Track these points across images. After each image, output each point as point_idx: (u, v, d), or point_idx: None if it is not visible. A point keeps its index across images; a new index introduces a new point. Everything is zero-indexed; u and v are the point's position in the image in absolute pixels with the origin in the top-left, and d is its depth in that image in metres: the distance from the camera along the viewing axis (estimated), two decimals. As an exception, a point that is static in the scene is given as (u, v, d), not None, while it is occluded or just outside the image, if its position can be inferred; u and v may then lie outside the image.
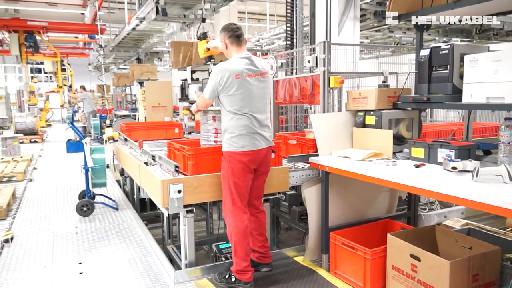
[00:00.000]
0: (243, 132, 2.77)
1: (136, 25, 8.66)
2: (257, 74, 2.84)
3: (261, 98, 2.86)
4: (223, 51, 2.98)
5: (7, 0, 14.06)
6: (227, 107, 2.79)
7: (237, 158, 2.78)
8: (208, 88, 2.85)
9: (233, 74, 2.73)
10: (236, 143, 2.78)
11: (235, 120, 2.77)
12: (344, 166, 2.85)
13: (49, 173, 7.31)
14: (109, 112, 11.86)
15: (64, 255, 3.54)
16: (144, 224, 4.32)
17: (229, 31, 2.88)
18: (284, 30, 5.86)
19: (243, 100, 2.76)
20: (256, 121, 2.81)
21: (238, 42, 2.89)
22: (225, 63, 2.81)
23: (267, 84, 2.93)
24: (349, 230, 3.06)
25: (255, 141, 2.80)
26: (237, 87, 2.74)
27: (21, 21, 11.96)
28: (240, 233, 2.81)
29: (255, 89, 2.81)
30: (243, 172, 2.80)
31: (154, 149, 4.36)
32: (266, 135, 2.89)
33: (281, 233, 4.65)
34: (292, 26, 5.33)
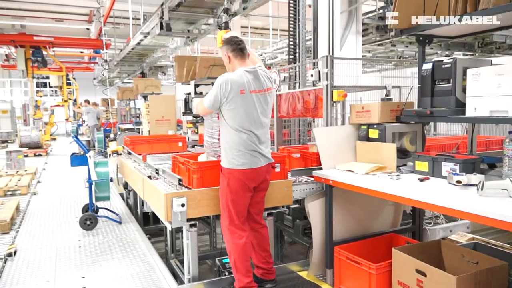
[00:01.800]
0: (243, 149, 2.72)
1: (140, 40, 8.77)
2: (261, 90, 2.79)
3: (264, 114, 2.82)
4: (226, 65, 2.93)
5: (14, 16, 14.29)
6: (228, 121, 2.74)
7: (236, 176, 2.74)
8: (210, 97, 2.75)
9: (238, 88, 2.68)
10: (235, 160, 2.73)
11: (235, 136, 2.72)
12: (348, 179, 2.84)
13: (53, 187, 7.32)
14: (113, 125, 11.93)
15: (67, 269, 3.52)
16: (147, 238, 4.30)
17: (232, 44, 2.83)
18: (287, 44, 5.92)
19: (245, 116, 2.71)
20: (257, 138, 2.76)
21: (242, 55, 2.84)
22: (231, 75, 2.74)
23: (270, 99, 2.90)
24: (353, 245, 3.04)
25: (254, 159, 2.75)
26: (241, 102, 2.69)
27: (27, 36, 12.15)
28: (239, 250, 2.78)
29: (258, 106, 2.77)
30: (241, 190, 2.76)
31: (158, 162, 4.38)
32: (266, 152, 2.84)
33: (285, 247, 4.61)
34: (295, 41, 5.38)
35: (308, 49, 5.74)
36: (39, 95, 14.89)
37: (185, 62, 7.70)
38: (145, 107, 8.61)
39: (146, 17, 7.90)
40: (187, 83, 7.90)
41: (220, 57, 8.45)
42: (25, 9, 13.13)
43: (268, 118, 2.90)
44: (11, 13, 13.70)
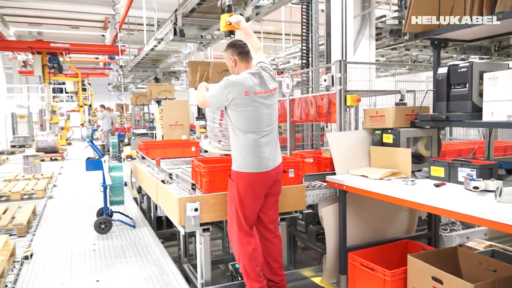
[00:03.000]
0: (250, 152, 2.69)
1: (154, 45, 8.88)
2: (267, 91, 2.76)
3: (269, 116, 2.78)
4: (230, 68, 2.90)
5: (31, 23, 14.61)
6: (235, 124, 2.71)
7: (245, 180, 2.70)
8: (214, 96, 2.74)
9: (242, 91, 2.65)
10: (243, 163, 2.70)
11: (242, 138, 2.70)
12: (361, 185, 2.82)
13: (68, 191, 7.42)
14: (128, 130, 12.07)
15: (82, 272, 3.56)
16: (161, 242, 4.33)
17: (238, 47, 2.83)
18: (299, 49, 5.92)
19: (250, 118, 2.68)
20: (265, 140, 2.73)
21: (247, 58, 2.84)
22: (236, 77, 2.72)
23: (275, 100, 2.86)
24: (367, 251, 3.00)
25: (263, 161, 2.70)
26: (246, 105, 2.67)
27: (44, 43, 12.40)
28: (248, 256, 2.74)
29: (263, 108, 2.73)
30: (251, 195, 2.71)
31: (171, 167, 4.40)
32: (275, 154, 2.79)
33: (297, 253, 4.59)
34: (308, 45, 5.39)
35: (321, 54, 5.74)
36: (55, 100, 15.16)
37: (198, 68, 7.76)
38: (158, 112, 8.69)
39: (160, 23, 8.01)
40: (200, 88, 7.94)
41: (233, 63, 8.36)
42: (42, 16, 13.42)
43: (276, 119, 2.86)
44: (29, 20, 14.02)
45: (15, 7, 11.40)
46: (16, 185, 7.14)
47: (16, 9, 12.00)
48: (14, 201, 6.41)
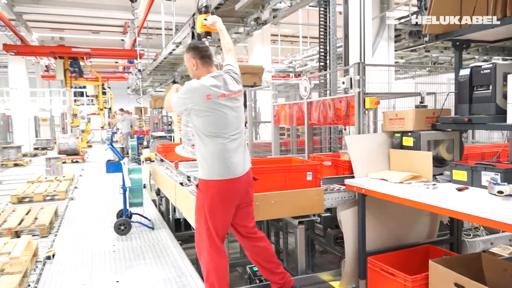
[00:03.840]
0: (218, 158, 2.58)
1: (172, 49, 8.99)
2: (230, 93, 2.66)
3: (236, 119, 2.68)
4: (192, 72, 2.79)
5: (53, 29, 14.99)
6: (200, 129, 2.62)
7: (214, 189, 2.59)
8: (180, 102, 2.64)
9: (204, 95, 2.55)
10: (211, 170, 2.59)
11: (209, 144, 2.60)
12: (381, 188, 2.78)
13: (89, 192, 7.56)
14: (146, 133, 12.22)
15: (102, 273, 3.61)
16: (179, 244, 4.36)
17: (200, 51, 2.73)
18: (317, 51, 5.90)
19: (216, 123, 2.59)
20: (232, 145, 2.62)
21: (209, 62, 2.74)
22: (196, 82, 2.63)
23: (240, 103, 2.77)
24: (387, 255, 2.96)
25: (231, 168, 2.59)
26: (210, 108, 2.57)
27: (66, 48, 12.69)
28: (218, 272, 2.64)
29: (229, 111, 2.63)
30: (221, 205, 2.60)
31: (189, 169, 4.44)
32: (242, 159, 2.68)
33: (315, 257, 4.55)
34: (326, 48, 5.37)
35: (338, 56, 5.71)
36: (76, 104, 15.52)
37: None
38: (176, 115, 8.77)
39: (178, 27, 8.11)
40: (217, 91, 8.00)
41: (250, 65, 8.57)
42: (64, 22, 13.75)
43: (242, 122, 2.77)
44: (51, 26, 14.38)
45: (38, 13, 11.71)
46: (38, 187, 7.31)
47: (39, 15, 12.33)
48: (37, 202, 6.57)
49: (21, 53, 12.46)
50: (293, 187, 3.07)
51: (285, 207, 3.04)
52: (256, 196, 2.93)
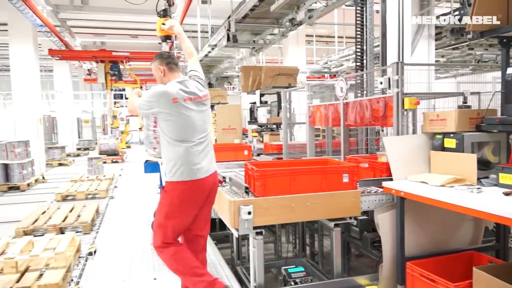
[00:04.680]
0: (185, 161, 2.66)
1: (208, 52, 9.12)
2: (196, 97, 2.76)
3: (202, 123, 2.78)
4: (160, 79, 2.87)
5: (95, 34, 15.60)
6: (167, 133, 2.70)
7: (180, 191, 2.67)
8: (142, 105, 2.72)
9: (170, 99, 2.63)
10: (179, 173, 2.67)
11: (176, 147, 2.68)
12: (421, 191, 2.69)
13: (128, 191, 7.81)
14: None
15: (140, 270, 3.72)
16: (214, 244, 4.41)
17: (166, 58, 2.86)
18: (353, 51, 5.80)
19: (183, 126, 2.67)
20: (197, 147, 2.71)
21: (175, 69, 2.85)
22: (163, 87, 2.71)
23: (206, 106, 2.86)
24: (428, 261, 2.85)
25: (198, 170, 2.69)
26: (176, 112, 2.65)
27: (107, 52, 13.16)
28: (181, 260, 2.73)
29: (195, 114, 2.72)
30: (186, 206, 2.70)
31: (224, 170, 4.48)
32: (208, 162, 2.78)
33: (352, 260, 4.47)
34: (362, 47, 5.27)
35: (376, 56, 5.58)
36: (116, 106, 16.05)
37: (250, 72, 7.86)
38: (212, 116, 8.89)
39: (214, 30, 8.22)
40: (252, 93, 8.05)
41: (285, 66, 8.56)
42: (105, 27, 14.28)
43: (209, 125, 2.88)
44: (93, 31, 14.97)
45: (81, 19, 12.23)
46: (81, 186, 7.63)
47: (82, 21, 12.87)
48: (79, 200, 6.86)
49: (65, 58, 13.05)
50: (329, 189, 3.03)
51: (321, 209, 3.00)
52: (292, 197, 2.92)
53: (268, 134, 7.05)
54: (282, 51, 12.42)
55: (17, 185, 8.48)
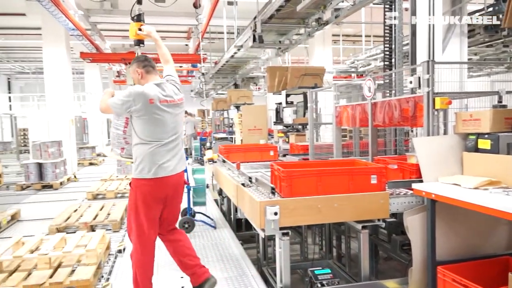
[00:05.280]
0: (153, 159, 2.79)
1: (234, 52, 9.17)
2: (172, 101, 2.90)
3: (174, 124, 2.91)
4: (137, 81, 2.99)
5: (124, 37, 15.96)
6: (139, 132, 2.82)
7: (145, 187, 2.80)
8: (118, 101, 2.80)
9: (147, 99, 2.76)
10: (146, 170, 2.79)
11: (143, 146, 2.80)
12: (453, 194, 2.60)
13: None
14: (209, 134, 12.56)
15: (167, 268, 3.77)
16: (240, 244, 4.42)
17: (144, 61, 2.99)
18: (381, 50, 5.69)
19: (155, 126, 2.80)
20: (164, 147, 2.84)
21: (152, 72, 2.98)
22: (140, 87, 2.81)
23: (181, 110, 3.00)
24: (460, 266, 2.76)
25: (164, 168, 2.82)
26: (151, 113, 2.78)
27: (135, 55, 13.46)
28: (142, 266, 2.89)
29: (169, 116, 2.86)
30: (151, 201, 2.81)
31: (250, 170, 4.49)
32: (176, 161, 2.90)
33: (380, 263, 4.39)
34: (391, 46, 5.16)
35: (404, 55, 5.45)
36: (144, 106, 16.27)
37: (276, 73, 7.85)
38: (237, 117, 8.94)
39: (240, 31, 8.26)
40: (278, 93, 8.03)
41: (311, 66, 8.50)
42: (134, 30, 14.62)
43: (181, 128, 3.02)
44: (122, 34, 15.33)
45: (111, 22, 12.54)
46: (111, 185, 7.83)
47: (111, 24, 13.20)
48: (109, 199, 7.04)
49: (96, 61, 13.42)
50: (356, 191, 2.99)
51: (348, 210, 2.96)
52: (319, 199, 2.90)
53: (294, 135, 7.02)
54: (308, 51, 12.34)
55: (51, 183, 8.79)
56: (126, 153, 3.13)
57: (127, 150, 3.10)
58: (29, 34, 13.97)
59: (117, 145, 3.17)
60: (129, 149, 3.06)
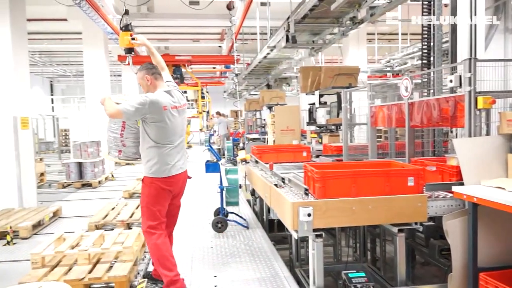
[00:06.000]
0: (165, 160, 3.07)
1: (267, 53, 9.17)
2: (180, 106, 3.18)
3: (181, 128, 3.21)
4: (146, 87, 3.21)
5: (159, 39, 16.34)
6: (153, 137, 3.06)
7: (156, 184, 3.08)
8: (131, 108, 2.93)
9: (161, 107, 3.00)
10: (159, 170, 3.07)
11: (159, 149, 3.06)
12: (497, 198, 2.48)
13: (189, 190, 8.01)
14: (242, 135, 12.63)
15: (201, 267, 3.83)
16: (273, 245, 4.41)
17: (152, 69, 3.22)
18: (418, 48, 5.52)
19: (168, 130, 3.06)
20: (175, 149, 3.13)
21: (160, 78, 3.23)
22: (155, 96, 3.03)
23: (185, 114, 3.34)
24: (504, 273, 2.63)
25: (171, 168, 3.11)
26: (165, 118, 3.02)
27: (170, 57, 13.72)
28: (159, 248, 3.10)
29: (178, 120, 3.15)
30: (160, 196, 3.12)
31: (283, 171, 4.47)
32: (183, 161, 3.23)
33: (416, 268, 4.25)
34: (429, 44, 4.99)
35: (444, 52, 5.27)
36: (178, 108, 16.58)
37: (309, 73, 7.79)
38: (270, 118, 8.94)
39: (273, 32, 8.25)
40: (311, 94, 7.97)
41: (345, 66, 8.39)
42: (168, 32, 14.91)
43: (184, 130, 3.30)
44: (158, 36, 15.70)
45: (147, 25, 12.89)
46: (146, 184, 8.02)
47: (148, 28, 13.55)
48: (145, 197, 7.21)
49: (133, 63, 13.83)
50: (392, 193, 2.91)
51: (384, 213, 2.89)
52: (353, 200, 2.85)
53: (327, 135, 6.94)
54: (342, 50, 12.17)
55: (90, 182, 9.12)
56: (124, 155, 3.36)
57: (125, 152, 3.34)
58: (70, 38, 14.58)
59: (114, 148, 3.37)
60: (126, 151, 3.32)
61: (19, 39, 6.26)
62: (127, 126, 3.29)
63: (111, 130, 3.35)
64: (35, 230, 5.25)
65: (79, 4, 7.66)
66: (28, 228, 5.03)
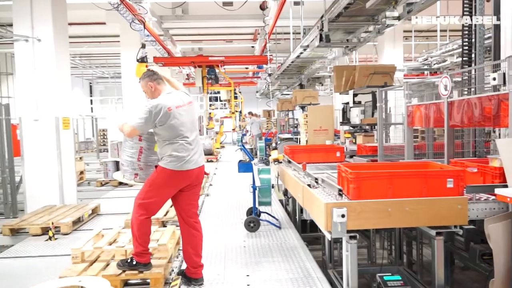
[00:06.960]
0: (178, 155, 3.19)
1: (300, 53, 9.11)
2: (184, 104, 3.32)
3: (192, 124, 3.35)
4: (150, 94, 3.36)
5: (193, 41, 16.62)
6: (164, 136, 3.22)
7: (167, 173, 3.19)
8: (141, 121, 3.15)
9: (166, 109, 3.15)
10: (172, 163, 3.19)
11: (173, 145, 3.20)
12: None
13: (222, 190, 8.16)
14: (274, 135, 12.62)
15: (234, 266, 3.86)
16: (305, 245, 4.39)
17: (153, 75, 3.37)
18: (458, 45, 5.32)
19: (177, 128, 3.20)
20: (188, 144, 3.25)
21: (162, 82, 3.39)
22: (157, 101, 3.19)
23: (193, 110, 3.46)
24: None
25: (188, 163, 3.22)
26: (171, 118, 3.17)
27: (204, 58, 13.91)
28: (139, 223, 3.21)
29: (185, 117, 3.27)
30: (167, 186, 3.22)
31: (316, 171, 4.43)
32: (197, 155, 3.32)
33: (455, 272, 4.10)
34: (470, 40, 4.80)
35: (486, 49, 5.05)
36: (212, 108, 16.86)
37: (343, 72, 7.68)
38: (303, 118, 8.89)
39: (306, 31, 8.19)
40: (345, 93, 7.85)
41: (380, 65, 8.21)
42: (202, 34, 15.13)
43: (197, 125, 3.46)
44: (192, 38, 15.97)
45: (182, 27, 13.13)
46: (180, 182, 8.17)
47: (182, 29, 13.81)
48: (179, 196, 7.35)
49: (167, 64, 14.11)
50: (430, 195, 2.82)
51: (421, 215, 2.80)
52: (389, 202, 2.78)
53: (361, 135, 6.82)
54: (377, 48, 11.92)
55: (127, 180, 9.39)
56: (140, 179, 3.49)
57: (141, 175, 3.48)
58: (108, 41, 15.09)
59: (130, 171, 3.50)
60: (142, 174, 3.46)
61: (61, 42, 6.53)
62: (144, 151, 3.46)
63: (127, 155, 3.51)
64: (75, 226, 5.46)
65: (117, 8, 7.90)
66: (68, 224, 5.25)
